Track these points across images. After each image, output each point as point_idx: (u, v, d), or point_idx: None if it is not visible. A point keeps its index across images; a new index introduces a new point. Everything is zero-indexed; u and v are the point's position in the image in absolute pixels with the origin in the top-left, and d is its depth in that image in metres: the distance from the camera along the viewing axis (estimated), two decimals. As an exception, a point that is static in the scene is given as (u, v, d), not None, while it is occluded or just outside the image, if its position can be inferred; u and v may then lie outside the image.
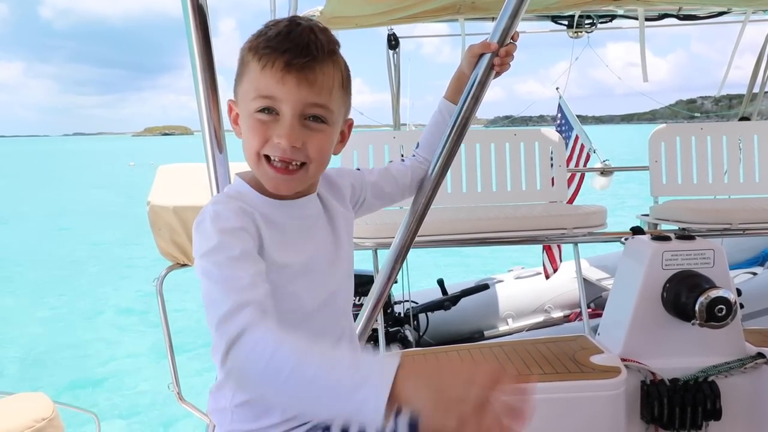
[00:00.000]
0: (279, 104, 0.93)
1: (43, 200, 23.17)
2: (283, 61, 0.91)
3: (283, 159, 0.95)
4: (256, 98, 0.94)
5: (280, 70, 0.92)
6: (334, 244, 1.08)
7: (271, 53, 0.92)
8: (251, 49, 0.95)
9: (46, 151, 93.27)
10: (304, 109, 0.94)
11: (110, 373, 6.76)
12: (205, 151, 1.21)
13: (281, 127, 0.93)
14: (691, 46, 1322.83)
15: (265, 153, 0.95)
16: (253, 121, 0.95)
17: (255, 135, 0.95)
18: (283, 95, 0.92)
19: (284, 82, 0.92)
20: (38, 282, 10.79)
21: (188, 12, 1.12)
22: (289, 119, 0.93)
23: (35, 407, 1.74)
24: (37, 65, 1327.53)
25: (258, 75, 0.93)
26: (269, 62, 0.92)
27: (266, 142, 0.94)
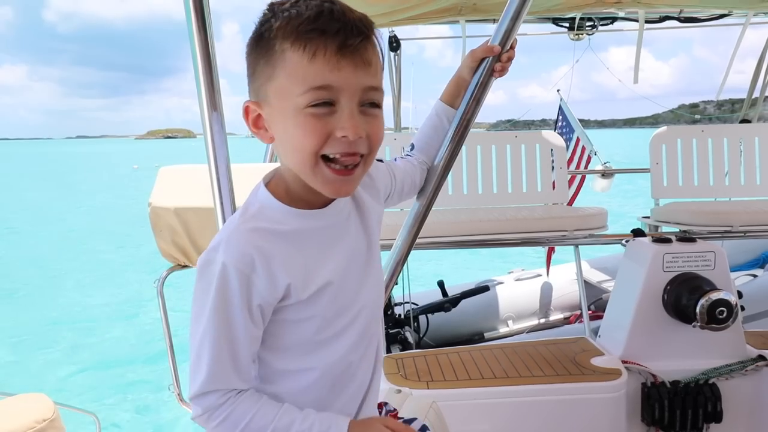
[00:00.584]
0: (336, 94, 0.82)
1: (48, 204, 23.15)
2: (336, 45, 0.80)
3: (346, 154, 0.84)
4: (308, 91, 0.81)
5: (334, 54, 0.80)
6: (366, 248, 1.00)
7: (319, 37, 0.80)
8: (287, 36, 0.81)
9: (50, 154, 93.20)
10: (362, 95, 0.83)
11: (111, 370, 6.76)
12: (207, 153, 1.21)
13: (343, 118, 0.82)
14: (694, 50, 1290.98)
15: (323, 153, 0.83)
16: (304, 117, 0.82)
17: (312, 134, 0.82)
18: (340, 83, 0.81)
19: (340, 68, 0.80)
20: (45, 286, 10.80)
21: (191, 15, 1.12)
22: (349, 109, 0.82)
23: (36, 408, 1.74)
24: (41, 68, 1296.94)
25: (305, 64, 0.80)
26: (320, 47, 0.80)
27: (326, 140, 0.83)
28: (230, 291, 0.84)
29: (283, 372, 0.95)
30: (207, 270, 0.85)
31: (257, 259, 0.85)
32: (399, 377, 2.06)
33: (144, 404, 5.88)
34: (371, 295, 1.01)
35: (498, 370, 2.11)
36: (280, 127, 0.86)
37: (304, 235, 0.90)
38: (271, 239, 0.87)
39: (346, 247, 0.96)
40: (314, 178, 0.86)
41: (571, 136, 4.90)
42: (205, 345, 0.86)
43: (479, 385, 2.01)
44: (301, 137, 0.83)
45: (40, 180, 36.83)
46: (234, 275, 0.84)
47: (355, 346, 0.97)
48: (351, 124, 0.82)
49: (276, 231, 0.88)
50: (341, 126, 0.82)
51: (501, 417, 2.00)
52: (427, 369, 2.13)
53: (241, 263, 0.84)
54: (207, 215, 1.66)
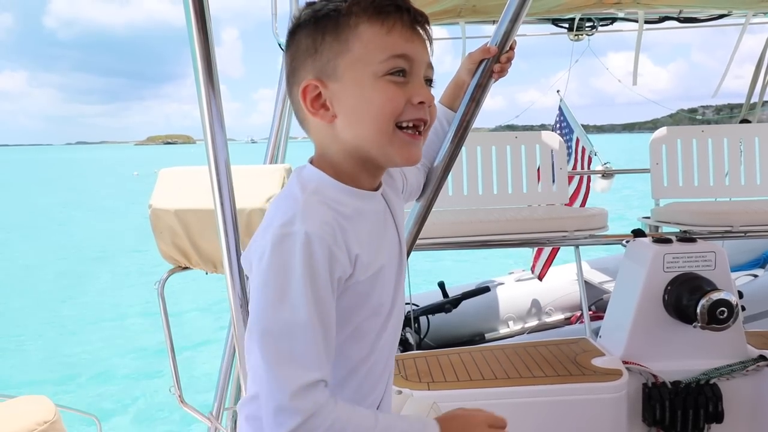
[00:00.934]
0: (412, 64, 0.87)
1: (49, 210, 23.13)
2: (409, 19, 0.87)
3: (420, 120, 0.88)
4: (389, 59, 0.85)
5: (409, 27, 0.87)
6: (399, 248, 1.00)
7: (395, 11, 0.86)
8: (363, 11, 0.85)
9: (50, 160, 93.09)
10: (427, 71, 0.90)
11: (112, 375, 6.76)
12: (207, 154, 1.21)
13: (417, 86, 0.88)
14: (692, 55, 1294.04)
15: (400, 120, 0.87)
16: (385, 83, 0.85)
17: (394, 98, 0.85)
18: (414, 53, 0.87)
19: (413, 40, 0.87)
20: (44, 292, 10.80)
21: (191, 19, 1.12)
22: (419, 79, 0.88)
23: (37, 410, 1.74)
24: (41, 74, 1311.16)
25: (384, 36, 0.85)
26: (397, 21, 0.85)
27: (402, 107, 0.86)
28: (317, 262, 0.78)
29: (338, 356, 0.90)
30: (286, 242, 0.78)
31: (336, 229, 0.82)
32: (400, 378, 2.06)
33: (145, 407, 5.89)
34: (401, 297, 1.00)
35: (499, 370, 2.11)
36: (353, 99, 0.86)
37: (361, 215, 0.89)
38: (338, 213, 0.85)
39: (390, 237, 0.96)
40: (390, 144, 0.87)
41: (571, 137, 4.90)
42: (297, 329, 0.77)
43: (480, 386, 2.01)
44: (383, 102, 0.85)
45: (42, 186, 36.83)
46: (318, 245, 0.79)
47: (384, 348, 0.95)
48: (425, 91, 0.89)
49: (338, 207, 0.86)
50: (417, 93, 0.87)
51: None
52: (428, 370, 2.13)
53: (324, 232, 0.80)
54: (207, 217, 1.66)
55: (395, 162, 0.90)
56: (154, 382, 6.29)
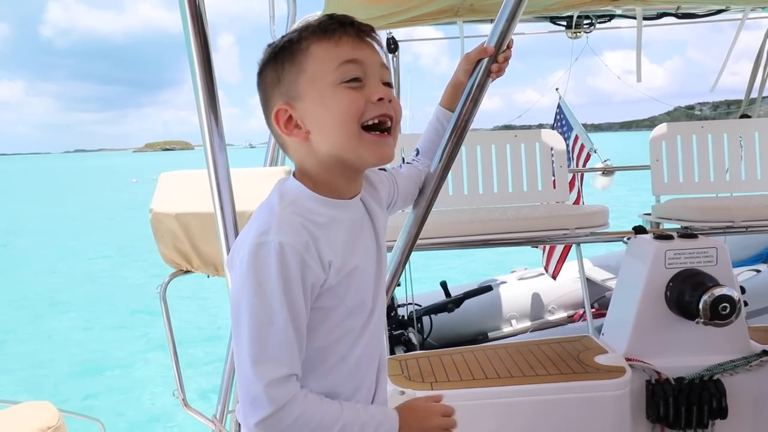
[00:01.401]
0: (364, 68, 0.93)
1: (50, 220, 23.14)
2: (354, 30, 0.94)
3: (384, 115, 0.93)
4: (340, 65, 0.91)
5: (354, 37, 0.93)
6: (377, 251, 1.05)
7: (339, 27, 0.93)
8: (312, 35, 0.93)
9: (48, 169, 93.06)
10: (381, 73, 0.95)
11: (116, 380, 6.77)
12: (206, 158, 1.22)
13: (374, 86, 0.93)
14: (688, 52, 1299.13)
15: (363, 122, 0.92)
16: (342, 90, 0.91)
17: (353, 101, 0.91)
18: (365, 58, 0.93)
19: (362, 47, 0.94)
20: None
21: (188, 25, 1.13)
22: (375, 81, 0.94)
23: (41, 416, 1.74)
24: (39, 83, 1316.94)
25: (333, 48, 0.92)
26: (343, 34, 0.93)
27: (363, 108, 0.92)
28: (290, 270, 0.85)
29: (307, 367, 0.95)
30: (261, 252, 0.86)
31: (309, 240, 0.89)
32: (403, 378, 2.06)
33: (148, 411, 5.89)
34: (382, 295, 1.06)
35: (502, 369, 2.11)
36: (319, 112, 0.93)
37: (336, 222, 0.95)
38: (311, 223, 0.91)
39: (365, 245, 1.01)
40: (360, 146, 0.93)
41: (570, 135, 4.90)
42: (271, 328, 0.85)
43: (483, 385, 2.01)
44: (344, 107, 0.91)
45: (41, 194, 36.84)
46: (291, 254, 0.86)
47: (370, 343, 1.02)
48: (382, 88, 0.94)
49: (312, 218, 0.92)
50: (374, 91, 0.93)
51: (505, 417, 2.00)
52: (431, 370, 2.13)
53: (296, 242, 0.87)
54: (208, 220, 1.66)
55: (369, 162, 0.96)
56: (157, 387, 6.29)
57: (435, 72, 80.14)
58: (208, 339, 7.60)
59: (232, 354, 1.90)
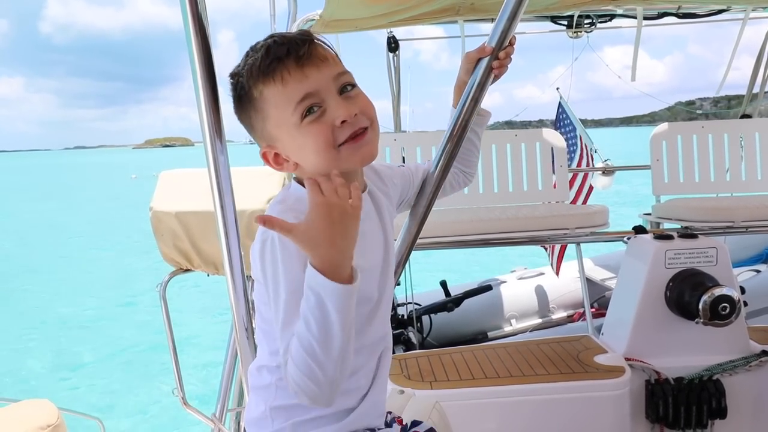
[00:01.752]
0: (318, 96, 0.94)
1: (50, 216, 23.12)
2: (293, 60, 0.94)
3: (354, 133, 0.95)
4: (296, 108, 0.94)
5: (296, 68, 0.94)
6: (384, 244, 1.08)
7: (279, 64, 0.94)
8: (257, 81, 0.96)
9: (48, 165, 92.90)
10: (336, 84, 0.96)
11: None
12: (207, 156, 1.21)
13: (333, 110, 0.95)
14: (688, 47, 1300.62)
15: (338, 143, 0.95)
16: (306, 128, 0.95)
17: (319, 135, 0.94)
18: (314, 86, 0.94)
19: (307, 75, 0.94)
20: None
21: (188, 21, 1.12)
22: (334, 100, 0.95)
23: (40, 414, 1.74)
24: (38, 80, 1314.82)
25: (282, 90, 0.94)
26: (284, 71, 0.94)
27: (332, 133, 0.95)
28: (291, 250, 0.90)
29: None
30: (266, 246, 0.93)
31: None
32: (402, 378, 2.06)
33: (148, 409, 5.89)
34: (390, 285, 1.09)
35: (501, 369, 2.11)
36: (295, 149, 0.99)
37: None
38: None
39: (370, 239, 1.04)
40: (342, 160, 0.96)
41: (574, 134, 4.89)
42: (280, 302, 0.91)
43: (483, 385, 2.01)
44: (314, 143, 0.95)
45: (41, 191, 36.82)
46: (289, 241, 0.89)
47: (374, 331, 1.05)
48: (343, 109, 0.95)
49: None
50: (336, 115, 0.95)
51: (504, 416, 2.00)
52: (431, 369, 2.13)
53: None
54: (208, 219, 1.66)
55: (356, 166, 1.00)
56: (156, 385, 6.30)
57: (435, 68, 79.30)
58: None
59: (231, 354, 1.90)
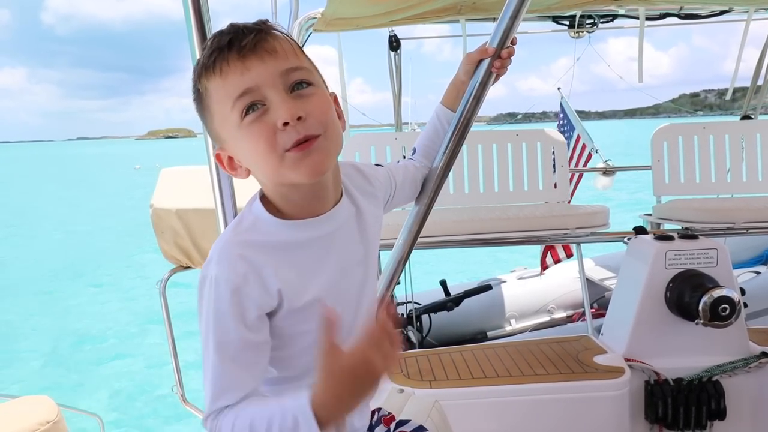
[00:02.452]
0: (259, 92, 0.83)
1: (57, 206, 23.12)
2: (235, 50, 0.83)
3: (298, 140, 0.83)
4: (234, 104, 0.84)
5: (236, 60, 0.83)
6: (364, 257, 1.01)
7: (219, 54, 0.84)
8: (201, 74, 0.87)
9: (51, 156, 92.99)
10: (284, 80, 0.85)
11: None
12: (207, 154, 1.21)
13: (276, 109, 0.83)
14: (693, 39, 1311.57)
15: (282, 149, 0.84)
16: (247, 128, 0.84)
17: (259, 137, 0.83)
18: (255, 80, 0.83)
19: (249, 68, 0.83)
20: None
21: (189, 13, 1.12)
22: (278, 97, 0.84)
23: (40, 410, 1.74)
24: (41, 70, 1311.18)
25: (222, 84, 0.84)
26: (224, 63, 0.84)
27: (274, 137, 0.83)
28: (222, 303, 0.86)
29: (289, 379, 0.97)
30: (203, 286, 0.88)
31: (248, 270, 0.87)
32: (402, 377, 2.07)
33: (147, 406, 5.90)
34: (368, 303, 1.03)
35: (501, 369, 2.11)
36: (240, 152, 0.89)
37: (295, 245, 0.92)
38: (261, 250, 0.89)
39: (343, 258, 0.97)
40: (285, 171, 0.85)
41: (571, 134, 4.90)
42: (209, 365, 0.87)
43: (482, 384, 2.01)
44: (255, 145, 0.84)
45: (45, 182, 36.87)
46: (225, 288, 0.86)
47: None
48: (284, 109, 0.83)
49: (267, 243, 0.90)
50: (278, 116, 0.83)
51: (504, 416, 2.00)
52: (430, 368, 2.13)
53: (232, 275, 0.86)
54: (208, 216, 1.66)
55: (302, 180, 0.87)
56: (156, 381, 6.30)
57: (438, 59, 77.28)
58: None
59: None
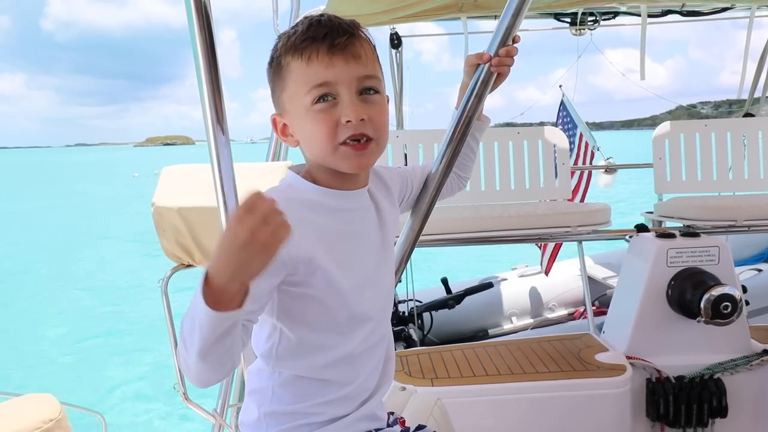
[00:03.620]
0: (335, 87, 0.94)
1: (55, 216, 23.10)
2: (327, 45, 0.93)
3: (354, 135, 0.94)
4: (311, 90, 0.94)
5: (326, 54, 0.93)
6: (381, 243, 1.07)
7: (312, 43, 0.93)
8: (288, 51, 0.96)
9: (49, 162, 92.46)
10: (358, 84, 0.95)
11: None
12: (210, 152, 1.21)
13: (344, 107, 0.94)
14: (689, 51, 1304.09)
15: (338, 141, 0.94)
16: (314, 114, 0.94)
17: (322, 125, 0.94)
18: (336, 77, 0.93)
19: (333, 64, 0.93)
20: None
21: (193, 18, 1.12)
22: (349, 97, 0.94)
23: (43, 408, 1.74)
24: (40, 77, 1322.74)
25: (305, 69, 0.94)
26: (313, 52, 0.93)
27: (336, 129, 0.94)
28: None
29: (309, 347, 0.99)
30: None
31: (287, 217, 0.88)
32: (403, 375, 2.07)
33: (148, 403, 5.91)
34: (385, 286, 1.08)
35: (502, 366, 2.11)
36: (299, 129, 0.99)
37: (325, 209, 0.98)
38: (296, 204, 0.94)
39: (364, 236, 1.04)
40: (336, 159, 0.96)
41: (574, 132, 4.88)
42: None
43: (483, 382, 2.02)
44: (315, 131, 0.95)
45: (43, 188, 36.82)
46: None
47: (373, 331, 1.03)
48: (352, 109, 0.94)
49: (301, 199, 0.97)
50: (344, 113, 0.94)
51: (505, 413, 2.00)
52: (432, 366, 2.13)
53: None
54: (210, 215, 1.66)
55: (346, 170, 0.98)
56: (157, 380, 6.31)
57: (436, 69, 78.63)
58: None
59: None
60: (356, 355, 1.01)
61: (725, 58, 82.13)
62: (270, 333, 1.00)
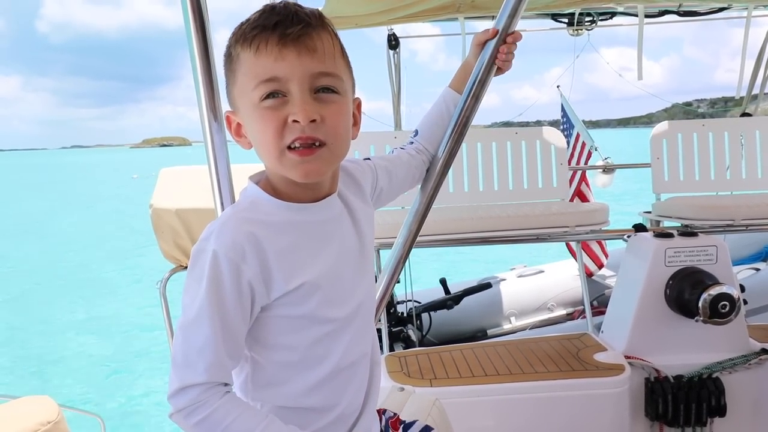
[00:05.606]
0: (285, 84, 0.84)
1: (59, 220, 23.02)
2: (277, 35, 0.83)
3: (302, 138, 0.84)
4: (258, 85, 0.84)
5: (275, 45, 0.83)
6: (359, 249, 1.00)
7: (261, 32, 0.84)
8: (238, 40, 0.86)
9: (46, 165, 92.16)
10: (312, 81, 0.85)
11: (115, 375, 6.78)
12: (207, 153, 1.21)
13: (293, 104, 0.84)
14: (684, 49, 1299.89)
15: (285, 143, 0.85)
16: (260, 111, 0.85)
17: (268, 125, 0.84)
18: (286, 71, 0.83)
19: (283, 57, 0.83)
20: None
21: (189, 19, 1.12)
22: (299, 94, 0.84)
23: (40, 410, 1.73)
24: (35, 79, 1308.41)
25: (253, 61, 0.84)
26: (262, 42, 0.83)
27: (283, 129, 0.84)
28: (222, 278, 0.84)
29: (286, 371, 0.93)
30: (198, 259, 0.85)
31: (247, 247, 0.85)
32: (402, 375, 2.07)
33: (147, 406, 5.90)
34: (365, 295, 1.01)
35: (501, 366, 2.11)
36: (248, 128, 0.90)
37: (292, 226, 0.91)
38: (260, 227, 0.87)
39: (338, 246, 0.96)
40: (283, 167, 0.87)
41: (571, 132, 4.89)
42: (198, 334, 0.83)
43: (482, 382, 2.01)
44: (261, 130, 0.86)
45: (40, 190, 36.73)
46: (225, 263, 0.84)
47: (354, 345, 0.97)
48: (300, 108, 0.84)
49: (267, 222, 0.89)
50: (292, 112, 0.84)
51: (504, 414, 2.00)
52: (430, 367, 2.13)
53: (231, 251, 0.84)
54: (208, 216, 1.65)
55: (294, 179, 0.89)
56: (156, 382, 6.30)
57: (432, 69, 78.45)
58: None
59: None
60: (340, 370, 0.95)
61: (720, 56, 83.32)
62: (242, 364, 0.94)
